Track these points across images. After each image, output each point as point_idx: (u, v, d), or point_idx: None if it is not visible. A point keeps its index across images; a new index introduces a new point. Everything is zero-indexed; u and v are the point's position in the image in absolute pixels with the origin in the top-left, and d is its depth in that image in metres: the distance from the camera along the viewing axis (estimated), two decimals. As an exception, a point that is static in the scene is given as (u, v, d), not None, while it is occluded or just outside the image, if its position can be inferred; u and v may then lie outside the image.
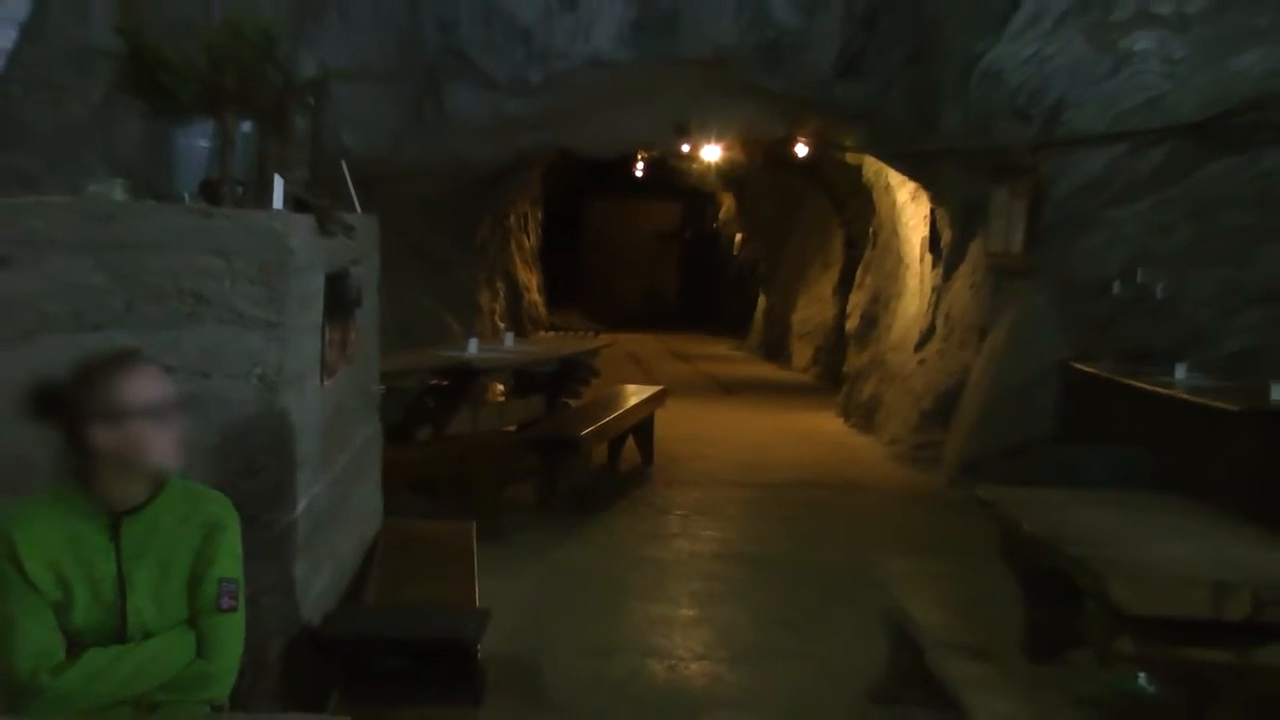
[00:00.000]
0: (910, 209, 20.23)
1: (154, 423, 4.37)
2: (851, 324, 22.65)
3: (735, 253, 32.82)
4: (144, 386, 4.40)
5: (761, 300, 29.60)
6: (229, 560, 4.53)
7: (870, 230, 22.75)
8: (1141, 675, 6.71)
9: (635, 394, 16.21)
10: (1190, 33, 12.21)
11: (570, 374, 16.42)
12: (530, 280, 27.10)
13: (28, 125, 9.32)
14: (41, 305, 5.70)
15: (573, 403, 15.72)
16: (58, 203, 6.19)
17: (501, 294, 23.96)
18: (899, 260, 20.95)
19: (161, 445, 4.40)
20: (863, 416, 19.95)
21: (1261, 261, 12.36)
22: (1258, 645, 6.73)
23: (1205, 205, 12.79)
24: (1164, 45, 12.44)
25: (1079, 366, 13.55)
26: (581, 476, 14.01)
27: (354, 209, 7.69)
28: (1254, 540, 7.94)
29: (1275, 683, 5.92)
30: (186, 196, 6.38)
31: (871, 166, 21.20)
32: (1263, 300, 12.49)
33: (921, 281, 19.49)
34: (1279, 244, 12.12)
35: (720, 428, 19.28)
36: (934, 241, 18.91)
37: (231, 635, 4.53)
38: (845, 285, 23.89)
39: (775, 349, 27.53)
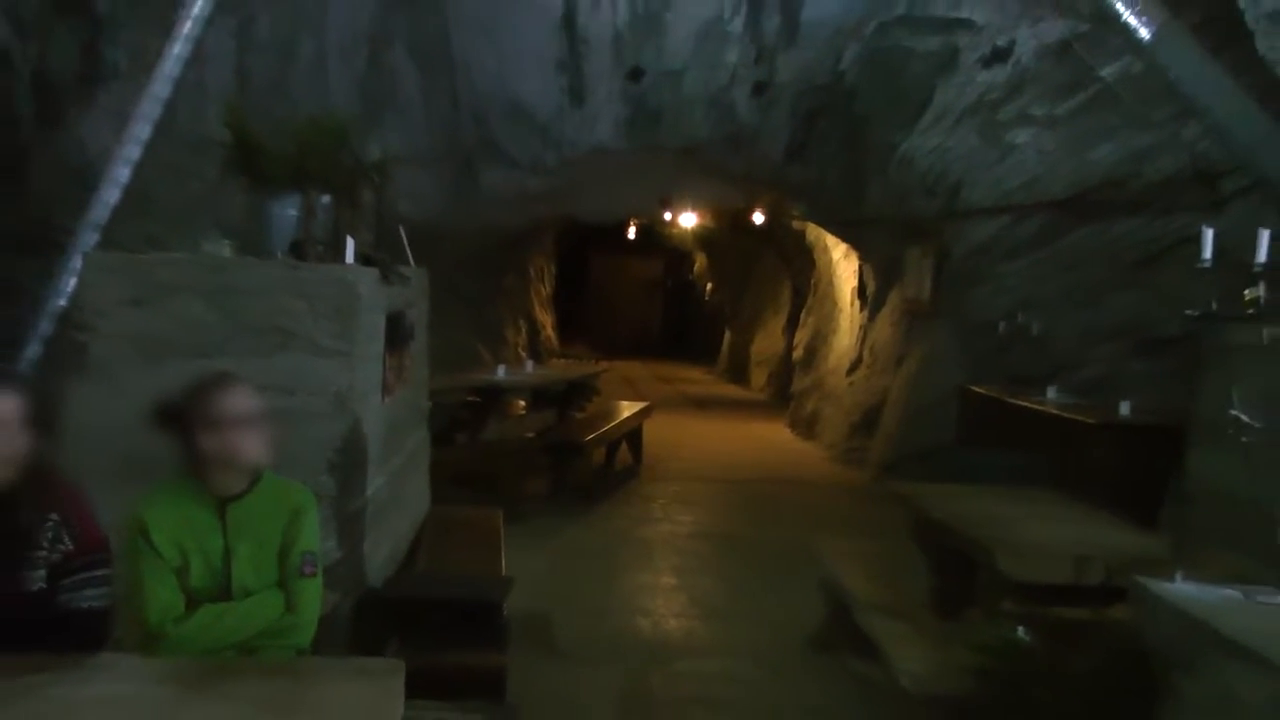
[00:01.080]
0: (843, 265, 20.29)
1: (246, 430, 4.48)
2: (797, 354, 22.67)
3: (706, 298, 32.79)
4: (238, 401, 4.51)
5: (727, 335, 29.58)
6: (310, 537, 4.62)
7: (812, 281, 22.77)
8: (1020, 628, 6.76)
9: (627, 408, 16.28)
10: (1058, 130, 12.27)
11: (577, 392, 16.45)
12: (545, 319, 27.08)
13: (157, 199, 9.37)
14: (166, 337, 5.80)
15: (578, 415, 15.75)
16: (179, 258, 6.30)
17: (523, 329, 23.96)
18: (834, 305, 20.99)
19: (252, 447, 4.51)
20: (806, 427, 19.96)
21: (1112, 307, 12.41)
22: (1109, 604, 6.81)
23: (1069, 263, 12.83)
24: (1038, 140, 12.49)
25: (974, 388, 13.58)
26: (585, 473, 14.17)
27: (409, 263, 7.77)
28: (1106, 524, 8.03)
29: (1122, 633, 5.97)
30: (279, 254, 6.47)
31: (813, 231, 21.23)
32: (1113, 337, 12.54)
33: (851, 321, 19.54)
34: (1125, 293, 12.16)
35: (694, 435, 19.27)
36: (862, 290, 18.98)
37: (312, 596, 4.62)
38: (792, 324, 23.89)
39: (737, 373, 27.49)
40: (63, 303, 8.15)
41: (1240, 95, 9.31)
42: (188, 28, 9.31)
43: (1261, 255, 6.22)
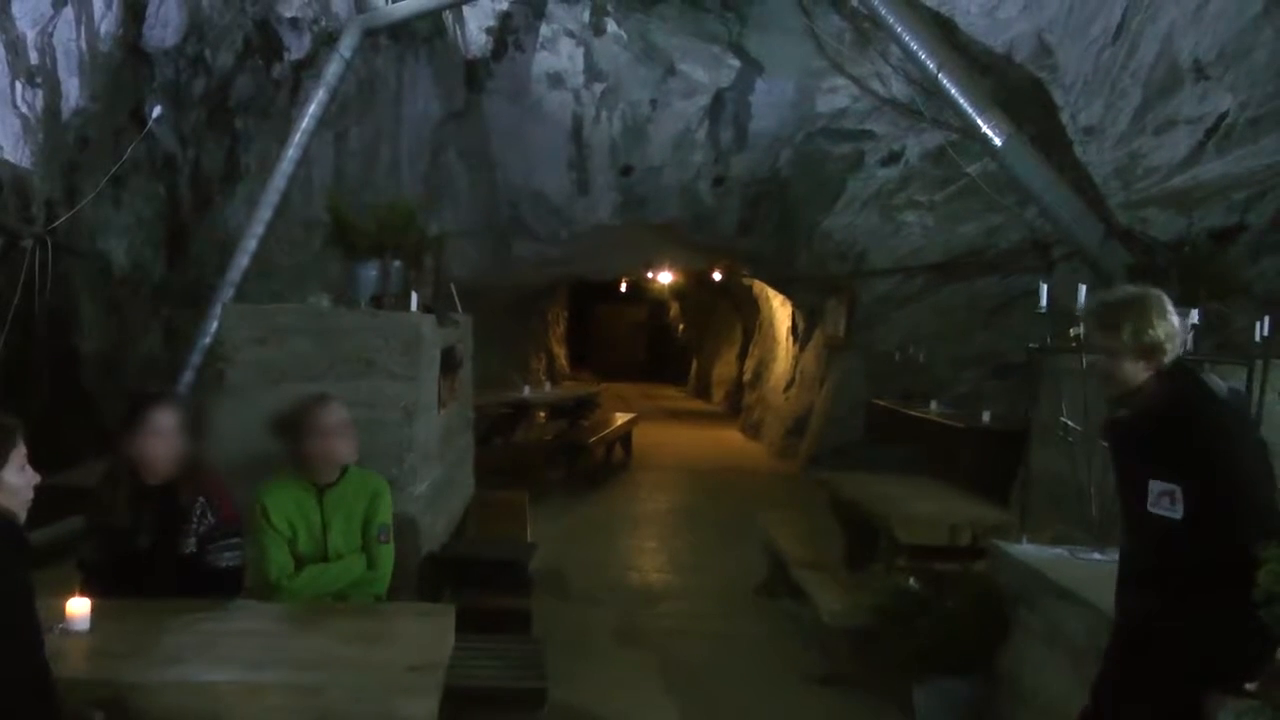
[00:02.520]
0: (780, 311, 20.29)
1: (338, 435, 4.57)
2: (746, 377, 22.64)
3: (679, 335, 32.82)
4: (332, 414, 4.60)
5: (694, 363, 29.56)
6: (385, 513, 4.70)
7: (757, 323, 22.75)
8: (910, 578, 6.81)
9: (621, 418, 16.27)
10: (936, 212, 12.33)
11: (583, 406, 16.44)
12: (560, 351, 27.06)
13: (277, 263, 9.44)
14: (282, 366, 5.86)
15: (584, 423, 15.76)
16: (292, 307, 6.38)
17: (543, 359, 23.95)
18: (774, 340, 21.00)
19: (343, 448, 4.61)
20: (753, 430, 19.95)
21: (975, 342, 12.48)
22: (973, 560, 6.86)
23: (944, 310, 12.89)
24: (922, 219, 12.56)
25: (876, 401, 13.62)
26: (590, 466, 14.13)
27: (458, 311, 7.81)
28: (972, 502, 8.11)
29: (982, 581, 6.02)
30: (363, 304, 6.51)
31: (758, 286, 21.21)
32: (975, 364, 12.60)
33: (787, 352, 19.54)
34: (984, 332, 12.22)
35: (670, 438, 19.25)
36: (794, 329, 18.99)
37: (387, 558, 4.72)
38: (743, 355, 23.86)
39: (702, 391, 27.43)
40: (208, 340, 8.21)
41: (1063, 187, 9.41)
42: (299, 138, 9.39)
43: (1081, 304, 6.28)
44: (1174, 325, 3.61)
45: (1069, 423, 6.39)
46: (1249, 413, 3.42)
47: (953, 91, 9.90)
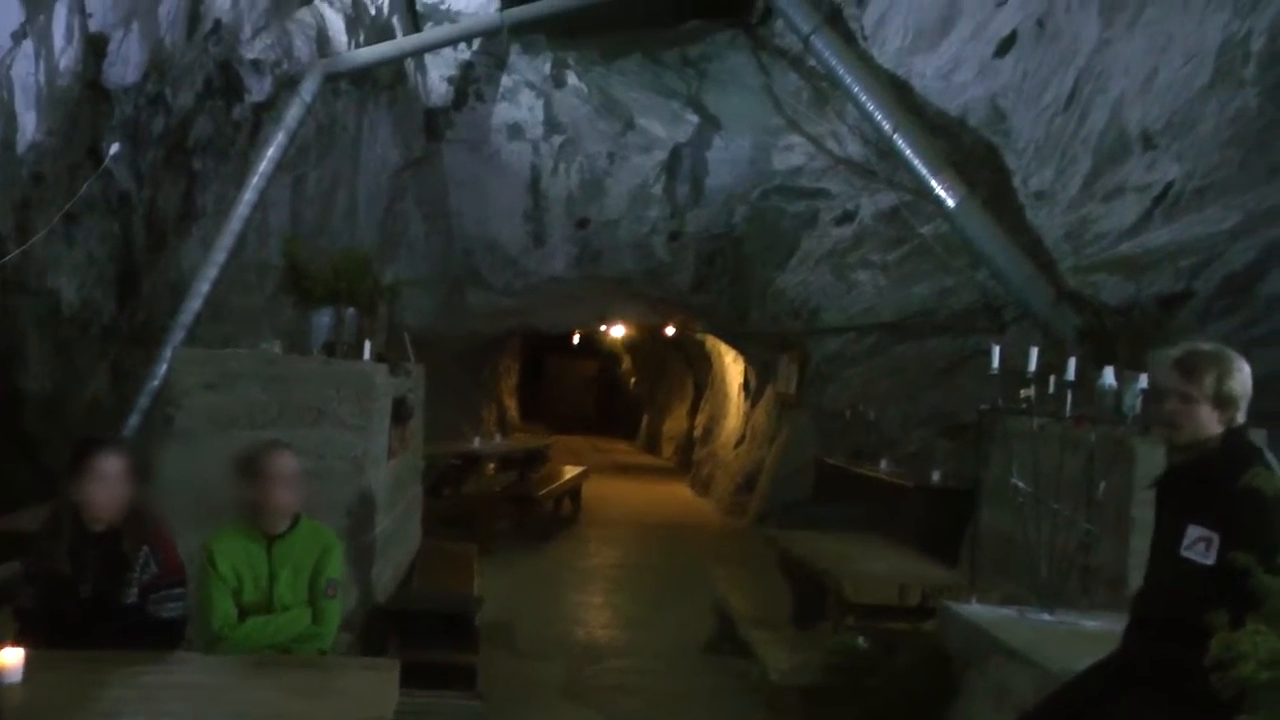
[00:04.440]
0: (733, 367, 20.31)
1: (284, 484, 4.50)
2: (697, 432, 22.60)
3: (630, 389, 32.79)
4: (281, 462, 4.52)
5: (645, 417, 29.49)
6: (334, 568, 4.62)
7: (709, 378, 22.76)
8: (860, 637, 6.77)
9: (570, 471, 16.14)
10: (889, 272, 12.39)
11: (533, 458, 16.32)
12: (511, 403, 26.96)
13: (229, 307, 9.35)
14: (232, 413, 5.78)
15: (534, 475, 15.66)
16: (244, 353, 6.31)
17: (494, 410, 23.83)
18: (725, 396, 21.00)
19: (287, 498, 4.53)
20: (702, 486, 19.88)
21: (925, 401, 12.50)
22: (922, 619, 6.83)
23: (895, 369, 12.92)
24: (874, 279, 12.61)
25: (826, 459, 13.61)
26: (538, 519, 14.03)
27: (411, 360, 7.76)
28: (922, 560, 8.09)
29: (931, 640, 6.00)
30: (316, 351, 6.45)
31: (711, 342, 21.24)
32: (926, 423, 12.61)
33: (738, 408, 19.54)
34: (934, 391, 12.24)
35: (619, 492, 19.15)
36: (746, 385, 19.00)
37: (334, 612, 4.63)
38: (694, 410, 23.83)
39: (652, 446, 27.37)
40: (157, 384, 8.10)
41: (1014, 250, 9.50)
42: (256, 180, 9.34)
43: (1032, 366, 6.30)
44: (1248, 387, 3.69)
45: (1019, 484, 6.39)
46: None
47: (907, 153, 10.00)
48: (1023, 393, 6.43)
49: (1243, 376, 3.68)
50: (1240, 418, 3.68)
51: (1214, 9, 7.41)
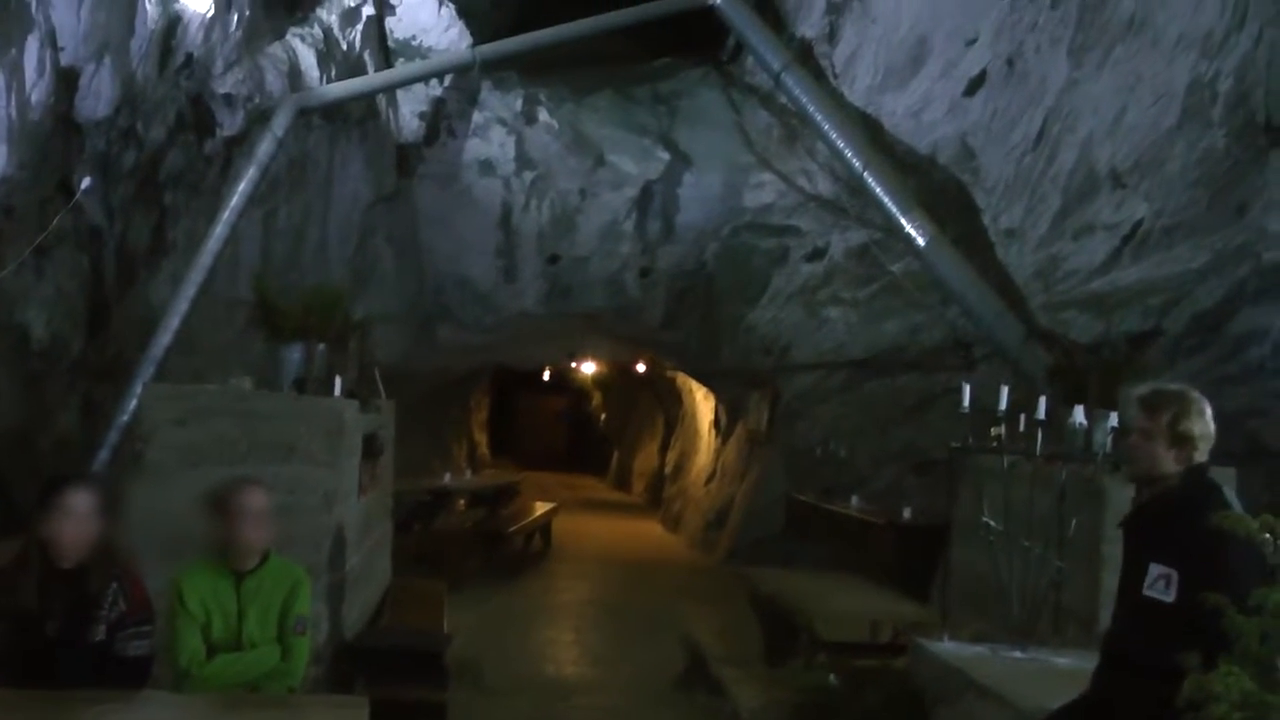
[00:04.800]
0: (703, 404, 20.32)
1: (252, 521, 4.47)
2: (668, 469, 22.57)
3: (600, 426, 32.76)
4: (250, 498, 4.50)
5: (615, 454, 29.43)
6: (303, 604, 4.58)
7: (680, 415, 22.75)
8: (831, 675, 6.76)
9: (541, 507, 16.07)
10: (859, 309, 12.45)
11: (503, 494, 16.32)
12: (481, 439, 26.89)
13: (199, 342, 9.31)
14: (202, 448, 5.75)
15: (504, 511, 15.61)
16: (214, 389, 6.28)
17: (465, 446, 23.77)
18: (696, 433, 21.00)
19: (254, 535, 4.50)
20: (673, 523, 19.84)
21: (896, 438, 12.53)
22: (894, 656, 6.83)
23: (866, 406, 12.95)
24: (845, 315, 12.66)
25: (796, 496, 13.60)
26: (509, 555, 13.98)
27: (381, 396, 7.74)
28: (892, 598, 8.10)
29: (902, 677, 6.00)
30: (286, 387, 6.42)
31: (681, 378, 21.24)
32: (896, 460, 12.64)
33: (709, 445, 19.53)
34: (905, 428, 12.27)
35: (589, 528, 19.08)
36: (717, 422, 19.01)
37: (302, 649, 4.59)
38: (664, 447, 23.80)
39: (623, 482, 27.30)
40: (127, 419, 8.05)
41: (984, 288, 9.56)
42: (227, 215, 9.32)
43: (1003, 404, 6.34)
44: (1209, 428, 3.76)
45: (990, 522, 6.41)
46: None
47: (878, 190, 10.08)
48: (993, 431, 6.47)
49: (1203, 418, 3.76)
50: (1199, 457, 3.75)
51: (1182, 50, 7.51)
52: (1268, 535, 3.10)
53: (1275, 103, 6.99)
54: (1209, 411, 3.78)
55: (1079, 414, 6.72)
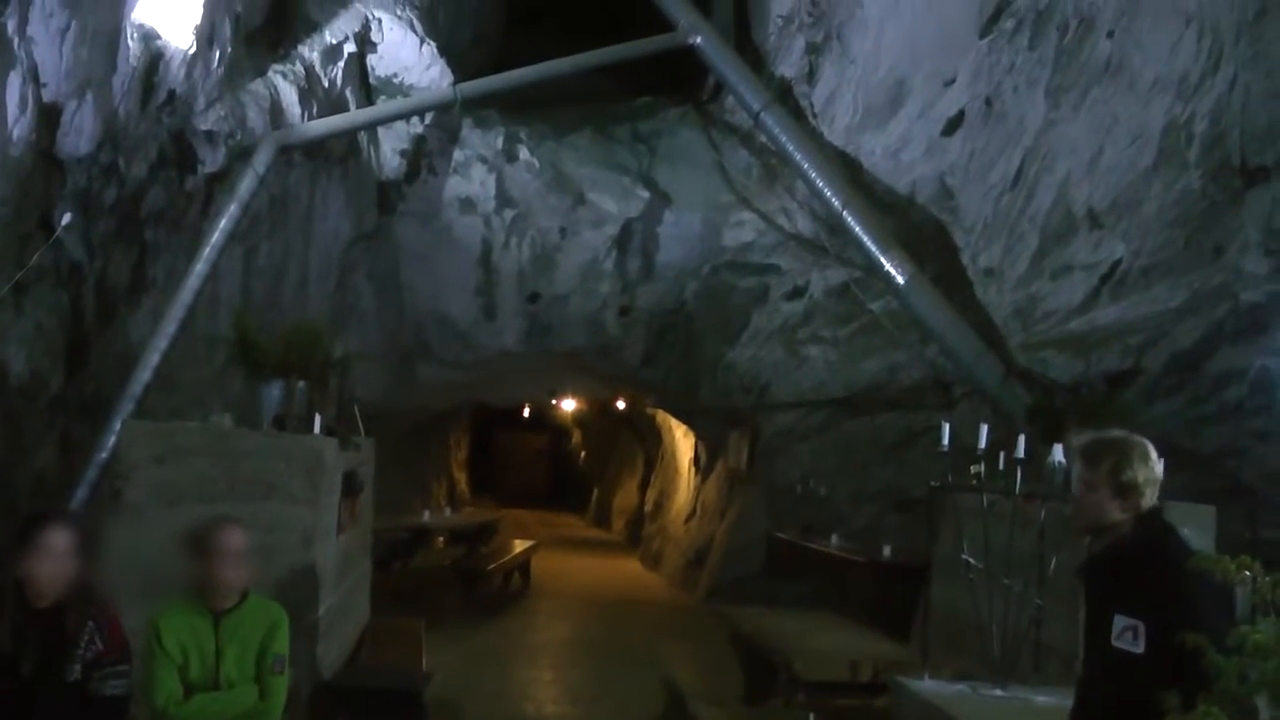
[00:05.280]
0: (683, 442, 20.33)
1: (230, 560, 4.48)
2: (648, 507, 22.55)
3: (580, 463, 32.72)
4: (231, 538, 4.50)
5: (595, 491, 29.38)
6: (282, 643, 4.59)
7: (660, 453, 22.75)
8: (811, 714, 6.75)
9: (520, 545, 16.08)
10: (839, 348, 12.50)
11: (483, 532, 16.29)
12: (461, 476, 26.81)
13: (179, 379, 9.27)
14: (181, 487, 5.73)
15: (483, 549, 15.56)
16: (193, 426, 6.26)
17: (444, 484, 23.69)
18: (676, 471, 20.99)
19: (232, 574, 4.51)
20: (653, 561, 19.79)
21: (876, 476, 12.57)
22: (874, 696, 6.82)
23: (846, 444, 12.98)
24: (825, 354, 12.71)
25: (777, 534, 13.62)
26: (488, 593, 13.94)
27: (361, 434, 7.72)
28: (872, 636, 8.09)
29: (885, 717, 5.99)
30: (266, 425, 6.42)
31: (661, 416, 21.23)
32: (876, 498, 12.68)
33: (689, 483, 19.54)
34: (885, 467, 12.31)
35: (569, 566, 19.03)
36: (697, 460, 19.02)
37: (280, 688, 4.60)
38: (644, 485, 23.78)
39: (602, 520, 27.24)
40: (106, 456, 8.00)
41: (963, 327, 9.62)
42: (208, 252, 9.31)
43: (982, 442, 6.36)
44: (1154, 472, 3.76)
45: (970, 560, 6.42)
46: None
47: (857, 229, 10.14)
48: (973, 469, 6.49)
49: (1146, 463, 3.76)
50: (1147, 502, 3.75)
51: (1158, 92, 7.60)
52: (1247, 573, 3.11)
53: (1250, 144, 7.08)
54: (1153, 454, 3.78)
55: (1058, 453, 6.75)
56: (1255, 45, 6.95)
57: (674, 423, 20.33)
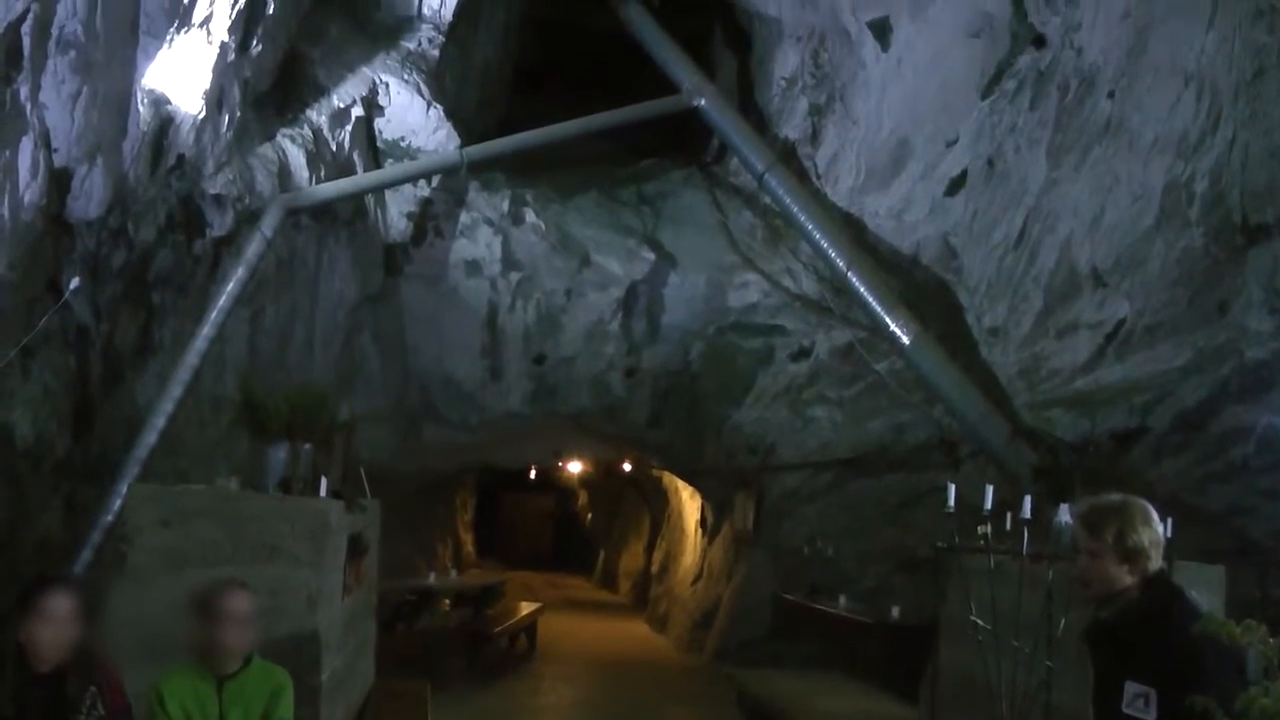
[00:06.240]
0: (689, 503, 20.25)
1: (235, 624, 4.44)
2: (654, 569, 22.43)
3: (586, 525, 32.60)
4: (236, 602, 4.46)
5: (601, 553, 29.25)
6: (286, 708, 4.54)
7: (666, 515, 22.66)
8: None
9: (526, 607, 15.97)
10: (845, 408, 12.50)
11: (488, 594, 16.19)
12: (466, 538, 26.74)
13: (184, 441, 9.27)
14: (185, 551, 5.71)
15: (489, 611, 15.48)
16: (200, 489, 6.26)
17: (449, 545, 23.61)
18: (682, 532, 20.90)
19: (236, 638, 4.46)
20: (659, 623, 19.67)
21: (882, 537, 12.53)
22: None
23: (852, 505, 12.96)
24: (831, 415, 12.71)
25: (784, 595, 13.54)
26: (493, 655, 13.83)
27: (366, 496, 7.71)
28: (881, 698, 8.02)
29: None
30: (271, 488, 6.41)
31: (667, 478, 21.16)
32: (883, 559, 12.63)
33: (695, 545, 19.44)
34: (891, 527, 12.28)
35: (575, 628, 18.92)
36: (703, 522, 18.93)
37: (283, 755, 4.54)
38: (650, 546, 23.68)
39: (609, 582, 27.10)
40: (110, 519, 7.99)
41: (969, 386, 9.62)
42: (215, 315, 9.34)
43: (988, 503, 6.34)
44: (1157, 533, 3.73)
45: (978, 621, 6.38)
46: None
47: (861, 290, 10.17)
48: (979, 530, 6.45)
49: (1149, 525, 3.73)
50: (1154, 565, 3.72)
51: (1158, 151, 7.65)
52: (1259, 640, 3.09)
53: (1251, 203, 7.11)
54: (1154, 516, 3.76)
55: (1064, 512, 6.72)
56: (1253, 104, 7.00)
57: (680, 484, 20.27)
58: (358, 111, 11.31)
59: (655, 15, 12.50)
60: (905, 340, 9.89)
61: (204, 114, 8.61)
